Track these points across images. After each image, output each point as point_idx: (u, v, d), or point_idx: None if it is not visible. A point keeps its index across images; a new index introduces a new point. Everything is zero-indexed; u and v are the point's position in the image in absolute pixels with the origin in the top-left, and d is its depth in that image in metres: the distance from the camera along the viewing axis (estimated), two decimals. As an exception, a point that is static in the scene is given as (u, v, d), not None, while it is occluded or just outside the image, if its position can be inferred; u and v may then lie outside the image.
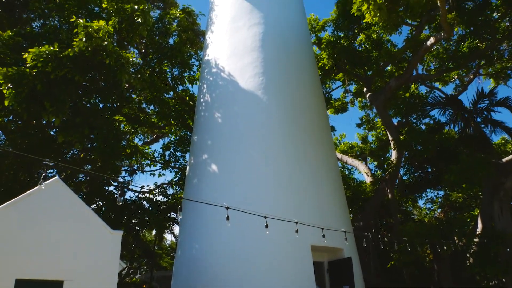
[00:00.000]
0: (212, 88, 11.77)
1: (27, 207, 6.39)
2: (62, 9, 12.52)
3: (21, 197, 6.44)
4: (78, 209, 6.85)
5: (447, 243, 11.23)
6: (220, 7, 13.26)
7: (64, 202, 6.78)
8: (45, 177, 5.37)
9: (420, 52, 13.97)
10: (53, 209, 6.61)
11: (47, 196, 6.63)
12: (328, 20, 17.22)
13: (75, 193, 7.13)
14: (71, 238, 6.50)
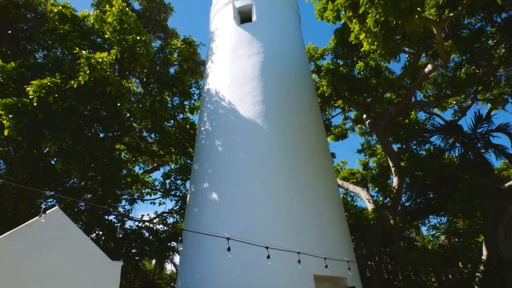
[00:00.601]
0: (212, 116, 11.86)
1: (27, 237, 6.32)
2: (65, 40, 12.76)
3: (21, 227, 6.38)
4: (77, 239, 6.78)
5: (452, 271, 11.05)
6: (220, 37, 13.52)
7: (64, 233, 6.71)
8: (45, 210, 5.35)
9: (418, 79, 14.14)
10: (53, 240, 6.54)
11: (47, 226, 6.57)
12: (327, 48, 17.51)
13: (75, 223, 7.08)
14: (70, 269, 6.40)
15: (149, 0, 17.38)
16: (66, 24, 13.07)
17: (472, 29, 14.38)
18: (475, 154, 14.66)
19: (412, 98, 16.15)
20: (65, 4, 13.54)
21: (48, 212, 6.49)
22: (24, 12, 14.07)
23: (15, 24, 13.94)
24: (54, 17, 13.27)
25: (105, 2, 15.87)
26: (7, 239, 6.19)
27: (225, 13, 13.98)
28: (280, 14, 13.81)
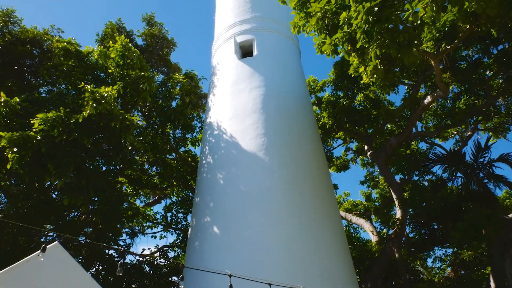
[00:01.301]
0: (214, 149, 11.90)
1: (26, 273, 6.22)
2: (69, 75, 13.01)
3: (20, 263, 6.30)
4: (77, 275, 6.66)
5: (459, 305, 10.78)
6: (221, 71, 13.76)
7: (63, 268, 6.61)
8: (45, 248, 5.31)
9: (418, 111, 14.26)
10: (52, 276, 6.43)
11: (46, 262, 6.47)
12: (327, 81, 17.75)
13: (74, 257, 7.00)
14: (69, 306, 6.27)
15: (152, 35, 17.81)
16: (71, 59, 13.36)
17: (470, 61, 14.60)
18: (477, 184, 14.58)
19: (412, 129, 16.24)
20: (70, 40, 13.88)
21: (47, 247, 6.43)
22: (30, 48, 14.42)
23: (21, 60, 14.26)
24: (59, 53, 13.59)
25: (109, 38, 16.29)
26: (6, 275, 6.09)
27: (227, 48, 14.29)
28: (281, 48, 14.11)
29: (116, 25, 17.41)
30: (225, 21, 15.40)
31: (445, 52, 9.75)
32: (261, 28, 14.29)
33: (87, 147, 11.25)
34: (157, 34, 17.93)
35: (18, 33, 14.09)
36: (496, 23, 9.12)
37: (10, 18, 14.32)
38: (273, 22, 14.60)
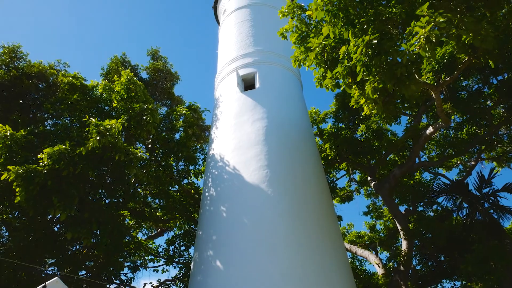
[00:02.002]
0: (217, 181, 11.89)
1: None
2: (74, 108, 13.18)
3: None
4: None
5: None
6: (224, 103, 13.93)
7: (63, 305, 6.52)
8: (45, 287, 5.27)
9: (421, 141, 14.27)
10: (52, 313, 6.33)
11: (47, 298, 6.40)
12: (329, 112, 17.88)
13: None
14: None
15: (156, 69, 18.14)
16: (76, 93, 13.57)
17: (470, 91, 14.73)
18: (483, 214, 14.41)
19: (416, 160, 16.20)
20: (75, 74, 14.15)
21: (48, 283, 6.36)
22: (36, 83, 14.67)
23: (26, 94, 14.49)
24: (64, 86, 13.81)
25: (113, 72, 16.59)
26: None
27: (229, 81, 14.52)
28: (283, 81, 14.32)
29: (121, 60, 17.77)
30: (227, 55, 15.72)
31: (445, 83, 9.86)
32: (263, 61, 14.56)
33: (90, 180, 11.28)
34: (161, 68, 18.27)
35: (24, 68, 14.39)
36: (494, 55, 9.25)
37: (16, 53, 14.66)
38: (275, 56, 14.89)
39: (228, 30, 17.05)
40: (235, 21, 16.97)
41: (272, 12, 16.85)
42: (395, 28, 7.90)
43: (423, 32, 6.38)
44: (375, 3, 7.69)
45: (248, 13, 16.95)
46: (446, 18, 6.42)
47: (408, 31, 6.87)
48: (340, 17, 7.69)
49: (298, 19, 9.03)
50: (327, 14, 7.81)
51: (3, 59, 14.21)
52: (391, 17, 7.69)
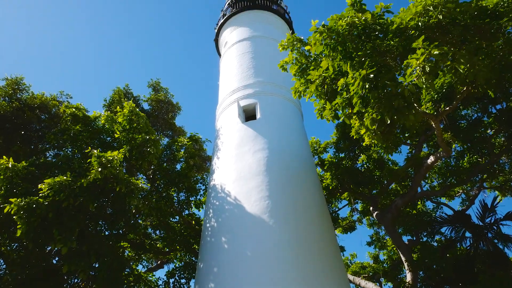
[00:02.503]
0: (218, 212, 11.81)
1: None
2: (76, 139, 13.22)
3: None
4: None
5: None
6: (225, 134, 14.00)
7: None
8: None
9: (422, 171, 14.24)
10: None
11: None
12: (329, 142, 17.92)
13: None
14: None
15: (157, 100, 18.35)
16: (78, 124, 13.64)
17: (470, 120, 14.80)
18: (487, 244, 14.20)
19: (418, 189, 16.11)
20: (78, 105, 14.27)
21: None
22: (38, 114, 14.78)
23: (28, 125, 14.58)
24: (66, 118, 13.89)
25: (116, 103, 16.75)
26: None
27: (230, 111, 14.65)
28: (283, 111, 14.44)
29: (123, 91, 17.99)
30: (229, 86, 15.92)
31: (445, 113, 9.93)
32: (264, 92, 14.73)
33: (91, 211, 11.20)
34: (162, 99, 18.48)
35: (27, 99, 14.53)
36: (492, 85, 9.37)
37: (19, 85, 14.85)
38: (276, 87, 15.08)
39: (229, 62, 17.34)
40: (236, 53, 17.28)
41: (272, 44, 17.18)
42: (393, 60, 8.04)
43: (417, 63, 6.50)
44: (373, 37, 7.86)
45: (248, 45, 17.28)
46: (441, 50, 6.55)
47: (405, 63, 7.00)
48: (338, 51, 7.84)
49: (298, 52, 9.21)
50: (326, 48, 7.97)
51: (6, 91, 14.38)
52: (388, 49, 7.84)
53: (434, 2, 7.35)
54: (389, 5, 7.96)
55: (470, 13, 7.65)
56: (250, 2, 19.86)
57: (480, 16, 7.71)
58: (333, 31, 7.84)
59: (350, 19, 7.71)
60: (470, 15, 7.67)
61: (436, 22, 7.44)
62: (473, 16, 7.70)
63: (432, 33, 7.63)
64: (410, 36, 7.64)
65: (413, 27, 7.66)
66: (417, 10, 7.47)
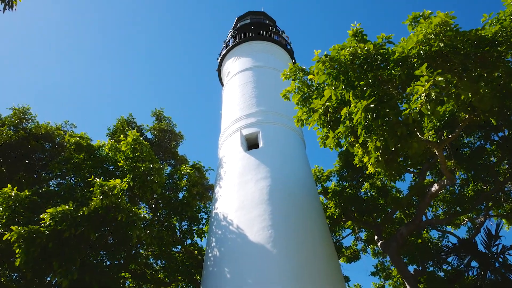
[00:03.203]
0: (220, 242, 11.67)
1: None
2: (79, 168, 13.23)
3: None
4: None
5: None
6: (228, 163, 14.00)
7: None
8: None
9: (427, 199, 14.12)
10: None
11: None
12: (332, 170, 17.86)
13: None
14: None
15: (160, 129, 18.46)
16: (82, 153, 13.70)
17: (472, 148, 14.79)
18: (495, 274, 13.91)
19: (422, 218, 15.94)
20: (82, 135, 14.37)
21: None
22: (42, 143, 14.88)
23: (32, 154, 14.66)
24: (70, 146, 13.98)
25: (119, 132, 16.85)
26: None
27: (233, 140, 14.70)
28: (286, 140, 14.48)
29: (127, 120, 18.13)
30: (231, 115, 16.03)
31: (447, 141, 9.94)
32: (266, 121, 14.82)
33: (92, 241, 11.08)
34: (165, 128, 18.59)
35: (32, 129, 14.69)
36: (493, 113, 9.41)
37: (25, 115, 15.06)
38: (278, 115, 15.18)
39: (232, 91, 17.53)
40: (239, 82, 17.49)
41: (275, 74, 17.41)
42: (395, 89, 8.12)
43: (423, 90, 6.55)
44: (375, 67, 7.96)
45: (251, 75, 17.52)
46: (444, 77, 6.62)
47: (408, 90, 7.06)
48: (341, 80, 7.94)
49: (300, 81, 9.32)
50: (328, 77, 8.07)
51: (12, 121, 14.57)
52: (390, 78, 7.93)
53: (435, 30, 7.48)
54: (390, 35, 8.10)
55: (470, 42, 7.78)
56: (252, 33, 20.28)
57: (480, 45, 7.83)
58: (336, 61, 7.96)
59: (353, 49, 7.83)
60: (470, 44, 7.79)
61: (437, 50, 7.55)
62: (473, 44, 7.82)
63: (433, 61, 7.73)
64: (411, 65, 7.73)
65: (414, 55, 7.77)
66: (418, 39, 7.59)
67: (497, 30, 7.82)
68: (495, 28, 7.83)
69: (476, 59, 7.81)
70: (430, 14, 8.22)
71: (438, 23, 7.41)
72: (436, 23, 7.41)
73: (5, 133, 13.92)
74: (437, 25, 7.43)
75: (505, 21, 7.89)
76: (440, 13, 7.46)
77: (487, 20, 8.26)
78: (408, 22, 8.65)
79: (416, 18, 8.50)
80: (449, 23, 7.47)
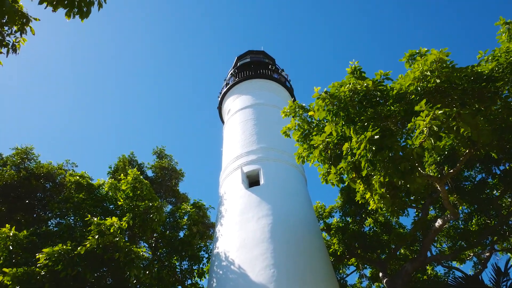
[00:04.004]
0: (222, 282, 11.41)
1: None
2: (79, 208, 13.16)
3: None
4: None
5: None
6: (229, 201, 13.91)
7: None
8: None
9: (431, 235, 13.92)
10: None
11: None
12: (334, 206, 17.69)
13: None
14: None
15: (161, 168, 18.47)
16: (82, 192, 13.67)
17: (474, 181, 14.73)
18: (506, 312, 13.49)
19: (427, 253, 15.66)
20: (82, 174, 14.40)
21: None
22: (43, 183, 14.87)
23: (33, 193, 14.61)
24: (71, 186, 13.96)
25: (120, 171, 16.85)
26: None
27: (234, 177, 14.66)
28: (287, 177, 14.44)
29: (128, 158, 18.17)
30: (232, 152, 16.07)
31: (449, 175, 9.90)
32: (267, 158, 14.84)
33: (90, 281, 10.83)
34: (166, 166, 18.61)
35: (34, 169, 14.73)
36: (493, 147, 9.43)
37: (28, 154, 15.14)
38: (279, 152, 15.22)
39: (232, 129, 17.66)
40: (239, 120, 17.65)
41: (275, 111, 17.60)
42: (395, 125, 8.18)
43: (424, 124, 6.60)
44: (374, 103, 8.05)
45: (251, 112, 17.70)
46: (444, 111, 6.69)
47: (410, 126, 7.10)
48: (341, 116, 8.00)
49: (300, 118, 9.40)
50: (328, 114, 8.15)
51: (14, 161, 14.63)
52: (390, 114, 8.00)
53: (431, 67, 7.62)
54: (388, 72, 8.25)
55: (467, 77, 7.90)
56: (252, 72, 20.66)
57: (477, 81, 7.96)
58: (335, 97, 8.06)
59: (352, 85, 7.95)
60: (467, 79, 7.92)
61: (434, 86, 7.66)
62: (470, 80, 7.94)
63: (431, 97, 7.83)
64: (410, 101, 7.83)
65: (412, 92, 7.87)
66: (415, 76, 7.72)
67: (494, 67, 7.97)
68: (491, 64, 7.99)
69: (474, 94, 7.91)
70: (426, 51, 8.42)
71: (433, 60, 7.56)
72: (431, 60, 7.57)
73: (6, 173, 13.95)
74: (432, 62, 7.58)
75: (501, 57, 8.05)
76: (434, 50, 7.63)
77: (482, 56, 8.44)
78: (405, 59, 8.84)
79: (413, 56, 8.69)
80: (445, 60, 7.62)
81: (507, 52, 8.04)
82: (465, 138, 8.29)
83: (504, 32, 8.76)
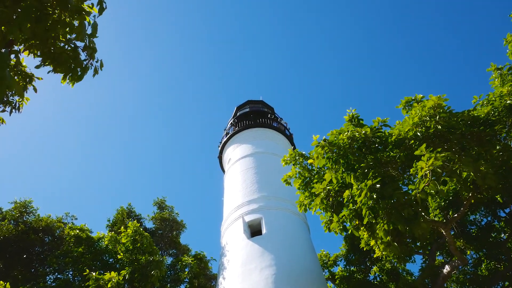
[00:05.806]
0: None
1: None
2: (78, 262, 12.90)
3: None
4: None
5: None
6: (231, 251, 13.62)
7: None
8: None
9: (439, 282, 13.50)
10: None
11: None
12: (339, 254, 17.28)
13: None
14: None
15: (162, 219, 18.25)
16: (81, 246, 13.46)
17: (479, 225, 14.49)
18: None
19: (438, 301, 15.12)
20: (82, 227, 14.23)
21: None
22: (42, 236, 14.66)
23: (31, 248, 14.36)
24: (70, 239, 13.76)
25: (119, 223, 16.66)
26: None
27: (235, 227, 14.44)
28: (289, 225, 14.23)
29: (126, 210, 18.00)
30: (233, 202, 15.92)
31: (454, 220, 9.76)
32: (269, 207, 14.68)
33: None
34: (167, 217, 18.40)
35: (32, 222, 14.57)
36: (497, 190, 9.35)
37: (27, 208, 15.03)
38: (280, 200, 15.08)
39: (233, 178, 17.60)
40: (240, 169, 17.63)
41: (275, 159, 17.61)
42: (395, 170, 8.16)
43: (427, 166, 6.57)
44: (373, 149, 8.08)
45: (252, 161, 17.72)
46: (445, 154, 6.69)
47: (412, 171, 7.08)
48: (341, 163, 8.01)
49: (300, 166, 9.39)
50: (328, 161, 8.15)
51: (13, 215, 14.50)
52: (390, 160, 8.00)
53: (429, 113, 7.71)
54: (386, 119, 8.35)
55: (464, 122, 7.98)
56: (252, 121, 20.88)
57: (474, 124, 8.03)
58: (334, 145, 8.10)
59: (351, 133, 8.02)
60: (465, 124, 7.99)
61: (433, 131, 7.72)
62: (467, 124, 8.02)
63: (431, 142, 7.86)
64: (409, 146, 7.86)
65: (412, 137, 7.92)
66: (414, 121, 7.80)
67: (489, 111, 8.09)
68: (487, 108, 8.10)
69: (472, 138, 7.96)
70: (422, 98, 8.56)
71: (431, 106, 7.67)
72: (430, 106, 7.67)
73: (5, 228, 13.79)
74: (431, 107, 7.68)
75: (495, 101, 8.18)
76: (432, 96, 7.76)
77: (478, 101, 8.59)
78: (401, 106, 8.97)
79: (409, 102, 8.83)
80: (442, 105, 7.73)
81: (501, 96, 8.19)
82: (467, 182, 8.25)
83: (496, 78, 8.98)
